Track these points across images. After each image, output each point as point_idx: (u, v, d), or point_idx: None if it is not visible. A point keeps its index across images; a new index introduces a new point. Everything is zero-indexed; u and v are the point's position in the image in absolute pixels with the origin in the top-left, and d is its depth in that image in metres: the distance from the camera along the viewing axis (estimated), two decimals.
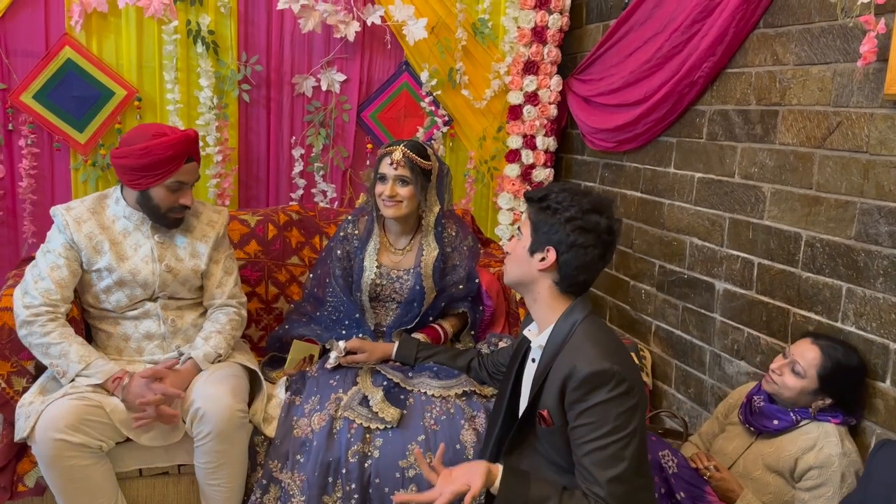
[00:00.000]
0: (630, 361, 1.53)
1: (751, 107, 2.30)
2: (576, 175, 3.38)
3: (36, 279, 1.93)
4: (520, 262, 1.62)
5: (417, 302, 2.24)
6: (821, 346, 1.88)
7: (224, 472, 1.92)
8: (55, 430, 1.75)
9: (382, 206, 2.20)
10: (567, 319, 1.56)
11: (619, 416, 1.43)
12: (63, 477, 1.79)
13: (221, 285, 2.13)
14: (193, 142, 2.02)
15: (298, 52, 2.92)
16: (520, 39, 3.10)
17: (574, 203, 1.54)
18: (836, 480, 1.76)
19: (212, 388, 1.91)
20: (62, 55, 2.64)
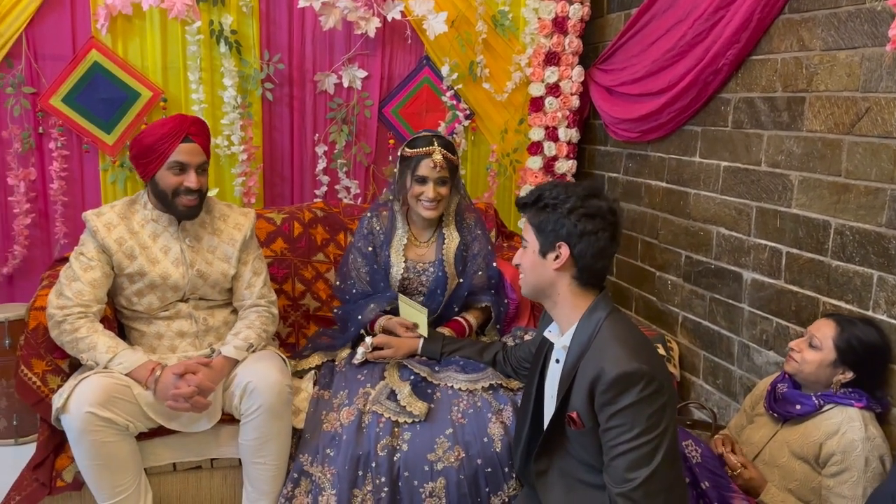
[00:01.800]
0: (657, 358, 1.52)
1: (777, 94, 2.27)
2: (599, 166, 3.36)
3: (70, 280, 1.98)
4: (534, 268, 1.60)
5: (440, 289, 2.26)
6: (836, 319, 1.90)
7: (270, 448, 1.95)
8: (86, 403, 1.80)
9: (422, 208, 2.21)
10: (591, 318, 1.55)
11: (651, 417, 1.42)
12: (89, 449, 1.84)
13: (250, 286, 2.15)
14: (190, 123, 2.02)
15: (320, 49, 2.94)
16: (540, 30, 3.08)
17: (570, 194, 1.54)
18: (860, 465, 1.75)
19: (260, 365, 1.97)
20: (89, 58, 2.68)
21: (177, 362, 1.97)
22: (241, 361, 2.01)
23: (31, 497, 1.94)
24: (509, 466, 1.91)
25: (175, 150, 1.98)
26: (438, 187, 2.20)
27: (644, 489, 1.42)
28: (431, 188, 2.19)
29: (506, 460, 1.91)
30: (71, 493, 1.99)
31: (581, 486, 1.58)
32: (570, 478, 1.60)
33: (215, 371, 1.95)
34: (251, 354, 2.04)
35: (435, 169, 2.18)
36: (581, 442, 1.56)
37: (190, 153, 2.01)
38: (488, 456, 1.92)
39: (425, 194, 2.19)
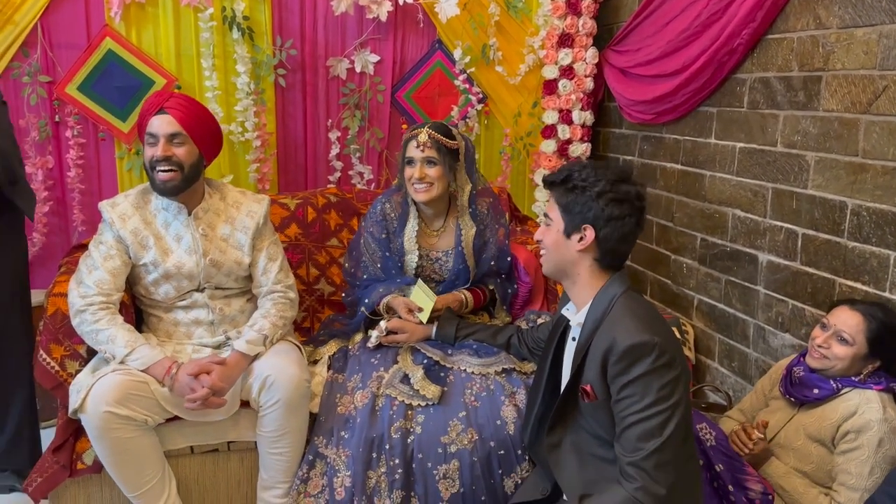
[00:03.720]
0: (670, 333, 1.52)
1: (793, 73, 2.24)
2: (613, 149, 3.34)
3: (90, 269, 1.99)
4: (557, 247, 1.61)
5: (461, 281, 2.28)
6: (860, 310, 1.84)
7: (287, 441, 1.98)
8: (104, 402, 1.82)
9: (413, 191, 2.22)
10: (605, 294, 1.56)
11: (662, 388, 1.43)
12: (111, 448, 1.87)
13: (266, 272, 2.15)
14: (167, 97, 2.03)
15: (332, 34, 2.94)
16: (554, 12, 3.06)
17: (600, 177, 1.54)
18: (873, 445, 1.73)
19: (279, 359, 1.98)
20: (103, 46, 2.70)
21: (191, 361, 1.97)
22: (258, 356, 2.01)
23: (52, 479, 1.98)
24: (522, 449, 1.92)
25: (149, 123, 2.01)
26: (425, 168, 2.19)
27: (655, 459, 1.43)
28: (418, 168, 2.18)
29: (518, 443, 1.92)
30: (91, 476, 2.01)
31: (594, 460, 1.59)
32: (583, 452, 1.62)
33: (229, 369, 1.95)
34: (270, 347, 2.04)
35: (419, 149, 2.18)
36: (594, 415, 1.57)
37: (161, 124, 2.00)
38: (501, 438, 1.93)
39: (414, 175, 2.19)
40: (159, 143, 2.00)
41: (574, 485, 1.61)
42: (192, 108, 2.08)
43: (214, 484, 2.12)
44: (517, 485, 1.91)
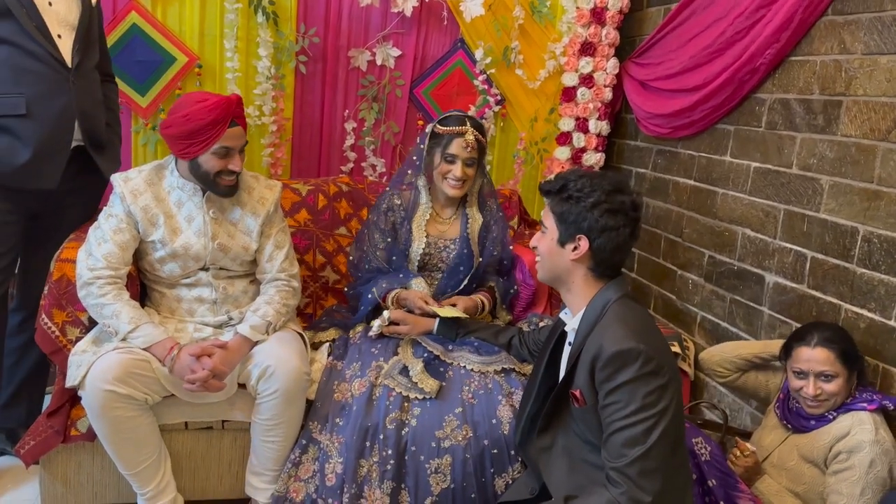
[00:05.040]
0: (660, 342, 1.52)
1: (813, 96, 2.24)
2: (627, 161, 3.34)
3: (99, 241, 1.99)
4: (551, 256, 1.62)
5: (465, 266, 2.28)
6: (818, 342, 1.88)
7: (280, 431, 1.98)
8: (104, 381, 1.82)
9: (448, 186, 2.23)
10: (600, 299, 1.56)
11: (648, 395, 1.43)
12: (110, 426, 1.87)
13: (272, 259, 2.15)
14: (236, 105, 1.99)
15: (356, 25, 2.94)
16: (578, 20, 3.06)
17: (595, 187, 1.55)
18: (864, 465, 1.74)
19: (282, 350, 1.98)
20: (128, 20, 2.70)
21: (194, 343, 1.98)
22: (260, 342, 2.02)
23: (45, 443, 1.99)
24: (516, 449, 1.92)
25: (223, 136, 1.96)
26: (466, 167, 2.22)
27: (639, 466, 1.42)
28: (460, 167, 2.21)
29: (512, 443, 1.92)
30: (84, 444, 2.02)
31: (583, 465, 1.59)
32: (573, 456, 1.61)
33: (231, 353, 1.96)
34: (273, 334, 2.05)
35: (466, 149, 2.20)
36: (584, 420, 1.57)
37: (235, 137, 2.00)
38: (495, 437, 1.93)
39: (453, 173, 2.21)
40: (234, 156, 2.00)
41: (563, 488, 1.61)
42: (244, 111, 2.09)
43: (206, 461, 2.12)
44: (508, 485, 1.91)
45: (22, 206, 2.13)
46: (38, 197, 2.13)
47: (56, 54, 2.05)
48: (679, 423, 1.50)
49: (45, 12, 2.03)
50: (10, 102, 2.00)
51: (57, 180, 2.10)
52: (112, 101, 2.38)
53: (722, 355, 2.20)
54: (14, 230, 2.13)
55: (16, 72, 2.00)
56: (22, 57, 2.00)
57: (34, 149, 2.02)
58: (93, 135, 2.18)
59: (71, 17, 2.11)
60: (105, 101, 2.29)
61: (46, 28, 2.03)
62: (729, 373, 2.21)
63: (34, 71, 2.02)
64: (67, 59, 2.08)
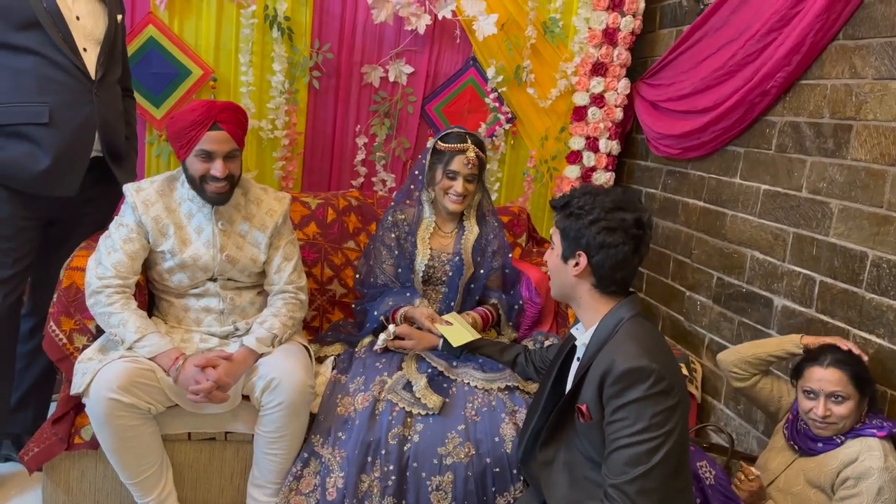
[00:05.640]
0: (672, 363, 1.51)
1: (824, 120, 2.24)
2: (637, 181, 3.34)
3: (109, 251, 2.01)
4: (557, 271, 1.64)
5: (457, 275, 2.31)
6: (831, 363, 1.86)
7: (283, 444, 1.98)
8: (108, 389, 1.83)
9: (449, 201, 2.27)
10: (613, 316, 1.56)
11: (656, 415, 1.42)
12: (113, 435, 1.88)
13: (280, 271, 2.17)
14: (219, 110, 1.98)
15: (369, 42, 2.97)
16: (590, 40, 3.07)
17: (596, 205, 1.56)
18: (872, 492, 1.71)
19: (287, 362, 1.98)
20: (145, 33, 2.75)
21: (199, 353, 1.99)
22: (265, 354, 2.02)
23: (49, 450, 1.99)
24: (518, 468, 1.91)
25: (202, 139, 1.97)
26: (467, 183, 2.26)
27: (639, 485, 1.41)
28: (461, 183, 2.24)
29: (515, 462, 1.91)
30: (87, 452, 2.03)
31: (584, 482, 1.59)
32: (575, 472, 1.61)
33: (236, 364, 1.96)
34: (278, 347, 2.05)
35: (467, 165, 2.23)
36: (588, 435, 1.56)
37: (217, 141, 1.98)
38: (498, 455, 1.92)
39: (454, 189, 2.24)
40: (216, 161, 1.99)
41: None
42: (241, 118, 2.07)
43: (208, 473, 2.13)
44: None
45: (39, 213, 2.16)
46: (56, 204, 2.16)
47: (81, 66, 2.09)
48: (684, 446, 1.49)
49: (73, 26, 2.08)
50: (33, 111, 2.04)
51: (75, 188, 2.13)
52: (131, 115, 2.43)
53: (738, 355, 2.17)
54: (31, 236, 2.16)
55: (41, 81, 2.04)
56: (48, 67, 2.04)
57: (53, 157, 2.06)
58: (112, 146, 2.22)
59: (97, 31, 2.16)
60: (124, 115, 2.33)
61: (73, 41, 2.08)
62: (746, 374, 2.15)
63: (59, 81, 2.06)
64: (91, 71, 2.12)
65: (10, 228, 2.10)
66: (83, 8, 2.13)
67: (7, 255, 2.10)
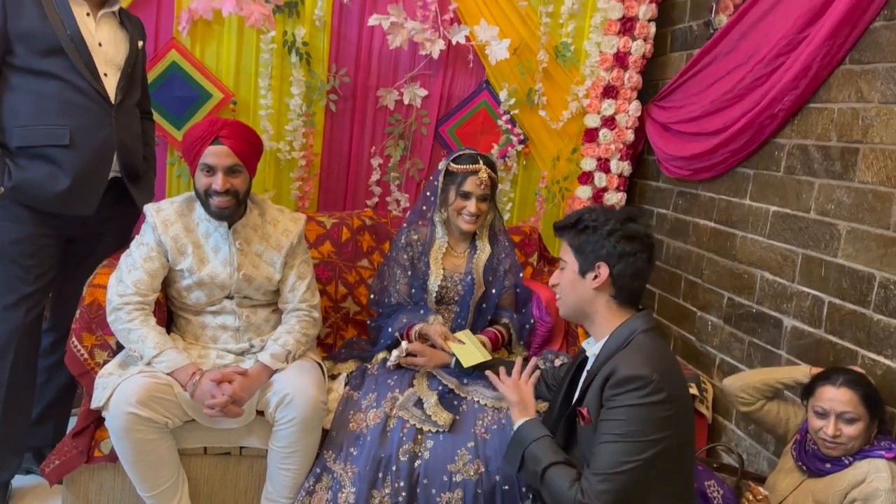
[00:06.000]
0: (677, 376, 1.56)
1: (831, 143, 2.26)
2: (649, 201, 3.37)
3: (129, 269, 2.08)
4: (573, 287, 1.69)
5: (468, 294, 2.35)
6: (843, 383, 1.87)
7: (296, 458, 2.02)
8: (127, 403, 1.88)
9: (463, 221, 2.32)
10: (626, 327, 1.62)
11: (646, 422, 1.47)
12: (131, 448, 1.93)
13: (294, 289, 2.22)
14: (222, 125, 2.06)
15: (385, 66, 3.04)
16: (601, 64, 3.13)
17: (610, 217, 1.64)
18: None
19: (301, 379, 2.03)
20: (168, 57, 2.84)
21: (215, 369, 2.04)
22: (280, 370, 2.07)
23: (69, 463, 2.05)
24: (527, 486, 1.93)
25: (205, 152, 2.04)
26: (480, 203, 2.30)
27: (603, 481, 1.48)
28: (474, 203, 2.28)
29: (524, 479, 1.93)
30: (106, 465, 2.08)
31: None
32: None
33: (251, 380, 2.01)
34: (292, 363, 2.10)
35: (480, 186, 2.28)
36: (586, 439, 1.61)
37: (218, 155, 2.04)
38: (507, 474, 1.94)
39: (467, 209, 2.28)
40: (217, 175, 2.05)
41: None
42: (246, 135, 2.13)
43: (223, 487, 2.17)
44: None
45: (59, 231, 2.23)
46: (75, 223, 2.23)
47: (101, 91, 2.17)
48: (679, 457, 1.52)
49: (95, 52, 2.16)
50: (55, 133, 2.11)
51: (93, 208, 2.20)
52: (149, 136, 2.50)
53: (746, 381, 2.18)
54: (52, 252, 2.23)
55: (63, 105, 2.12)
56: (69, 92, 2.12)
57: (73, 177, 2.13)
58: (130, 167, 2.29)
59: (118, 57, 2.24)
60: (143, 136, 2.41)
61: (95, 66, 2.16)
62: (752, 399, 2.16)
63: (80, 105, 2.14)
64: (111, 96, 2.20)
65: (32, 246, 2.17)
66: (105, 35, 2.21)
67: (29, 271, 2.17)
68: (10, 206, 2.13)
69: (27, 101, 2.10)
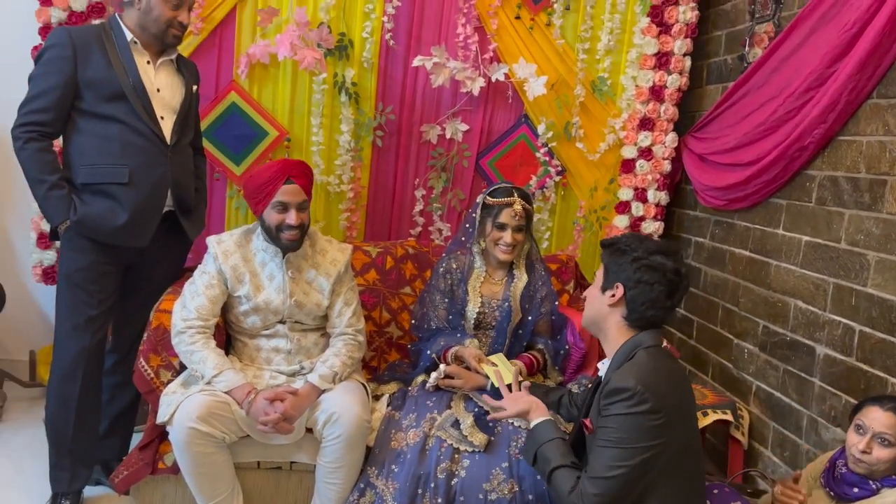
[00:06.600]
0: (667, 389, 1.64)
1: (860, 175, 2.32)
2: (686, 229, 3.43)
3: (193, 295, 2.26)
4: (593, 301, 1.83)
5: (505, 320, 2.45)
6: (891, 408, 1.88)
7: (342, 473, 2.16)
8: (189, 419, 2.05)
9: (500, 251, 2.44)
10: (631, 343, 1.73)
11: (633, 430, 1.59)
12: (192, 461, 2.09)
13: (341, 315, 2.38)
14: (291, 166, 2.26)
15: (428, 103, 3.20)
16: (637, 97, 3.23)
17: (641, 245, 1.75)
18: None
19: (346, 398, 2.17)
20: (228, 98, 3.06)
21: (269, 388, 2.20)
22: (328, 390, 2.22)
23: (136, 474, 2.23)
24: None
25: (278, 191, 2.23)
26: (516, 234, 2.42)
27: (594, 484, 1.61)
28: (510, 234, 2.40)
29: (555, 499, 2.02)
30: (168, 476, 2.24)
31: None
32: None
33: (301, 398, 2.16)
34: (339, 384, 2.24)
35: (515, 217, 2.40)
36: (593, 449, 1.71)
37: (291, 194, 2.24)
38: (540, 493, 2.03)
39: (503, 239, 2.41)
40: (291, 211, 2.24)
41: None
42: (309, 173, 2.34)
43: (274, 499, 2.31)
44: None
45: (118, 260, 2.40)
46: (132, 252, 2.40)
47: (158, 132, 2.36)
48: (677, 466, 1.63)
49: (154, 97, 2.36)
50: (116, 172, 2.29)
51: (148, 239, 2.38)
52: (201, 170, 2.68)
53: None
54: (112, 279, 2.42)
55: (123, 146, 2.30)
56: (130, 134, 2.31)
57: (131, 213, 2.30)
58: (182, 202, 2.47)
59: (175, 101, 2.43)
60: (195, 171, 2.59)
61: (153, 110, 2.35)
62: None
63: (139, 146, 2.32)
64: (167, 137, 2.38)
65: (95, 273, 2.35)
66: (163, 81, 2.41)
67: (93, 296, 2.36)
68: (75, 238, 2.31)
69: (92, 142, 2.29)
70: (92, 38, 2.28)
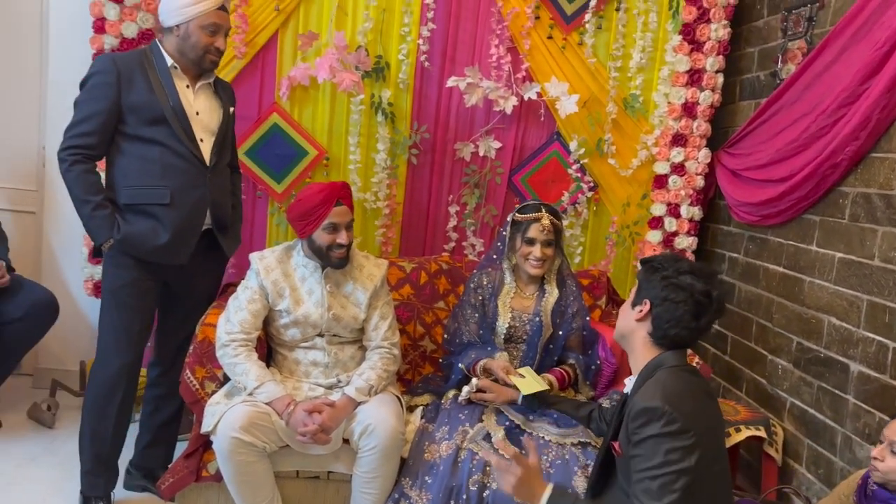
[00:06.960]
0: (693, 409, 1.63)
1: (893, 191, 2.31)
2: (721, 245, 3.44)
3: (236, 310, 2.36)
4: (624, 315, 1.87)
5: (536, 335, 2.50)
6: None
7: (377, 483, 2.23)
8: (232, 429, 2.14)
9: (530, 266, 2.50)
10: (654, 362, 1.75)
11: (670, 452, 1.57)
12: (234, 469, 2.18)
13: (377, 328, 2.46)
14: (340, 189, 2.35)
15: (462, 122, 3.27)
16: (669, 114, 3.25)
17: (672, 265, 1.78)
18: None
19: (382, 410, 2.24)
20: (270, 119, 3.18)
21: (308, 400, 2.28)
22: (364, 402, 2.29)
23: (181, 481, 2.32)
24: None
25: (330, 214, 2.32)
26: (545, 248, 2.48)
27: None
28: (539, 248, 2.46)
29: None
30: (212, 484, 2.34)
31: None
32: None
33: (338, 410, 2.24)
34: (374, 396, 2.31)
35: (543, 232, 2.46)
36: (623, 471, 1.74)
37: (341, 215, 2.34)
38: None
39: (533, 254, 2.46)
40: (341, 231, 2.34)
41: None
42: (351, 194, 2.44)
43: None
44: None
45: (158, 276, 2.51)
46: (172, 269, 2.50)
47: (198, 154, 2.45)
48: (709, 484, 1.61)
49: (193, 120, 2.45)
50: (158, 193, 2.39)
51: (187, 257, 2.47)
52: (237, 188, 2.77)
53: None
54: (153, 295, 2.53)
55: (164, 168, 2.39)
56: (170, 156, 2.40)
57: (172, 232, 2.40)
58: (220, 220, 2.56)
59: (213, 124, 2.52)
60: (232, 189, 2.69)
61: (192, 133, 2.44)
62: None
63: (179, 168, 2.41)
64: (207, 159, 2.47)
65: (137, 289, 2.46)
66: (203, 104, 2.50)
67: (136, 311, 2.47)
68: (118, 255, 2.42)
69: (134, 164, 2.39)
70: (135, 63, 2.39)
